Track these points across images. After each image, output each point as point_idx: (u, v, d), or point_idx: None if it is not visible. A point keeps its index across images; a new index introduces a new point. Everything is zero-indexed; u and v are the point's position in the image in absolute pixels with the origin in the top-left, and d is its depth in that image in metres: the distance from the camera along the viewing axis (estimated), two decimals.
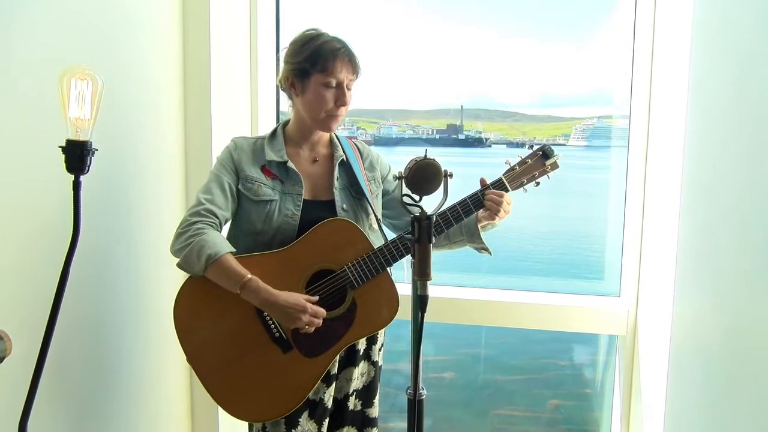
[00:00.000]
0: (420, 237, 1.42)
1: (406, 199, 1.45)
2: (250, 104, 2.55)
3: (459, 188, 1.68)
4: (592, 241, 2.89)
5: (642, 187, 2.31)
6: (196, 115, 2.32)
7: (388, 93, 2.98)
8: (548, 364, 2.96)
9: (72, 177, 1.43)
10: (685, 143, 1.93)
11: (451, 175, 1.45)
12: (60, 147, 1.41)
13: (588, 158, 3.02)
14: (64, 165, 1.42)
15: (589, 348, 2.87)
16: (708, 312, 1.74)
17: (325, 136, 1.93)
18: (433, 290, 1.43)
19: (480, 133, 3.16)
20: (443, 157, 3.22)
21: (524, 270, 2.84)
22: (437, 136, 3.17)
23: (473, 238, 1.86)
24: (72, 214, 1.44)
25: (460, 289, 2.60)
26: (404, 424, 2.94)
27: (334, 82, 1.78)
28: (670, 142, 2.08)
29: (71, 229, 1.44)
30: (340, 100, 1.79)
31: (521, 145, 3.09)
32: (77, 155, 1.42)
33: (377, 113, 3.16)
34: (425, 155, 1.44)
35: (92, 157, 1.44)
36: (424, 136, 3.19)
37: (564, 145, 3.03)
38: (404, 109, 3.22)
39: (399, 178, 1.44)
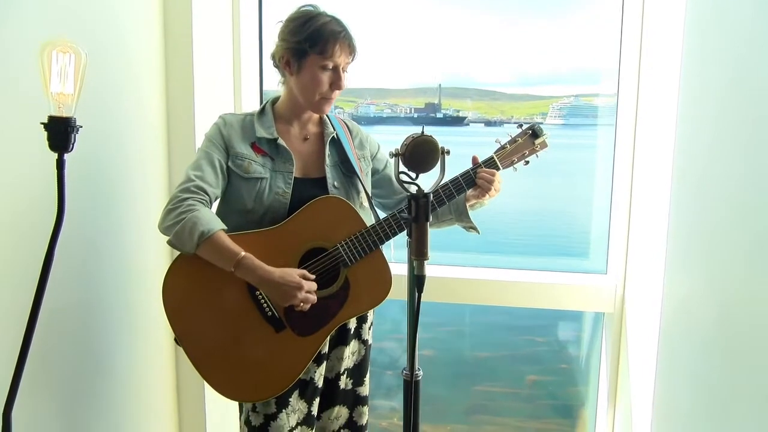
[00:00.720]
0: (417, 215, 1.39)
1: (402, 177, 1.41)
2: (233, 82, 2.47)
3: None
4: (576, 220, 2.88)
5: (630, 164, 2.30)
6: (178, 91, 2.24)
7: (365, 72, 2.93)
8: (530, 341, 2.96)
9: (56, 155, 1.36)
10: (677, 117, 1.91)
11: (448, 152, 1.42)
12: (42, 124, 1.34)
13: (566, 137, 3.00)
14: (47, 143, 1.35)
15: (573, 324, 2.88)
16: (700, 289, 1.74)
17: (315, 114, 1.88)
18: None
19: (458, 111, 3.13)
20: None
21: (508, 248, 2.82)
22: (415, 115, 3.13)
23: (461, 216, 1.84)
24: (56, 194, 1.37)
25: (444, 267, 2.58)
26: (390, 403, 2.94)
27: (330, 65, 1.73)
28: (661, 117, 2.06)
29: (55, 211, 1.37)
30: (336, 84, 1.75)
31: (499, 123, 3.09)
32: (61, 132, 1.34)
33: (355, 92, 3.11)
34: (422, 132, 1.40)
35: (76, 135, 1.37)
36: (402, 115, 3.15)
37: (542, 123, 3.01)
38: (382, 88, 3.18)
39: (395, 155, 1.41)
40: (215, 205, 1.80)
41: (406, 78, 3.07)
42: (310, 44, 1.70)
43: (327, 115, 1.90)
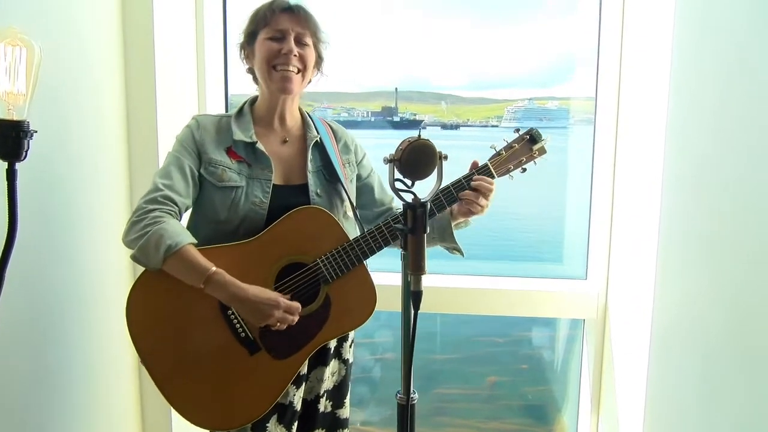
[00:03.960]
0: (414, 227, 1.23)
1: (398, 185, 1.25)
2: (197, 83, 2.24)
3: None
4: (547, 224, 2.79)
5: (612, 165, 2.19)
6: (139, 94, 2.01)
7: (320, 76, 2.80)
8: (490, 342, 2.85)
9: (5, 164, 1.13)
10: (667, 115, 1.79)
11: (446, 158, 1.26)
12: None
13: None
14: None
15: (548, 329, 2.78)
16: (697, 293, 1.62)
17: (295, 113, 1.70)
18: (389, 278, 1.26)
19: (414, 115, 3.02)
20: (378, 140, 3.04)
21: (478, 254, 2.70)
22: (372, 119, 3.00)
23: (444, 236, 1.65)
24: (7, 207, 1.14)
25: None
26: (361, 416, 2.75)
27: (278, 34, 1.57)
28: (647, 115, 1.94)
29: (7, 225, 1.14)
30: (285, 47, 1.56)
31: (455, 127, 3.00)
32: (11, 138, 1.12)
33: (311, 96, 2.94)
34: (419, 135, 1.25)
35: (30, 140, 1.14)
36: (359, 119, 3.01)
37: (497, 126, 2.94)
38: (338, 92, 3.04)
39: (390, 161, 1.24)
40: (186, 215, 1.60)
41: (363, 82, 2.95)
42: (256, 23, 1.60)
43: (311, 117, 1.72)
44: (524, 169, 1.65)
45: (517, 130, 1.64)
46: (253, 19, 1.61)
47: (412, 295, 1.24)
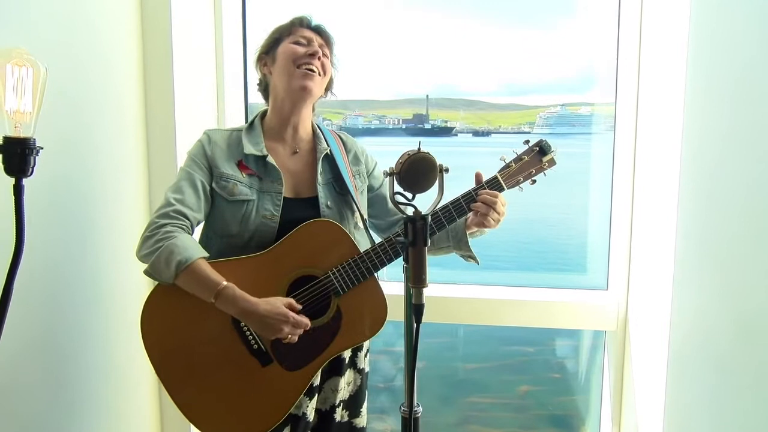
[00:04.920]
0: (415, 240, 1.21)
1: (398, 198, 1.23)
2: (216, 95, 2.26)
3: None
4: (572, 233, 2.71)
5: (631, 173, 2.11)
6: (157, 107, 2.03)
7: (352, 83, 2.79)
8: (520, 352, 2.79)
9: (12, 180, 1.16)
10: (683, 123, 1.73)
11: (447, 170, 1.23)
12: None
13: (554, 146, 2.86)
14: (1, 166, 1.15)
15: (577, 338, 2.70)
16: (713, 304, 1.56)
17: (307, 125, 1.69)
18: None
19: (446, 122, 2.98)
20: (409, 147, 3.01)
21: (501, 264, 2.64)
22: (403, 126, 2.98)
23: (460, 244, 1.64)
24: (14, 222, 1.16)
25: (438, 286, 2.36)
26: (382, 425, 2.73)
27: (303, 40, 1.60)
28: (665, 123, 1.88)
29: (14, 240, 1.16)
30: (310, 49, 1.59)
31: (486, 133, 2.95)
32: (17, 154, 1.14)
33: (342, 104, 2.95)
34: (419, 148, 1.22)
35: (36, 157, 1.17)
36: (390, 126, 2.99)
37: (529, 132, 2.88)
38: (370, 99, 3.03)
39: (390, 174, 1.22)
40: (198, 229, 1.60)
41: (394, 89, 2.93)
42: (279, 34, 1.64)
43: (320, 128, 1.71)
44: (534, 181, 1.61)
45: (527, 142, 1.60)
46: (277, 30, 1.65)
47: (414, 308, 1.21)
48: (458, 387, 2.79)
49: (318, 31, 1.65)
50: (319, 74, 1.60)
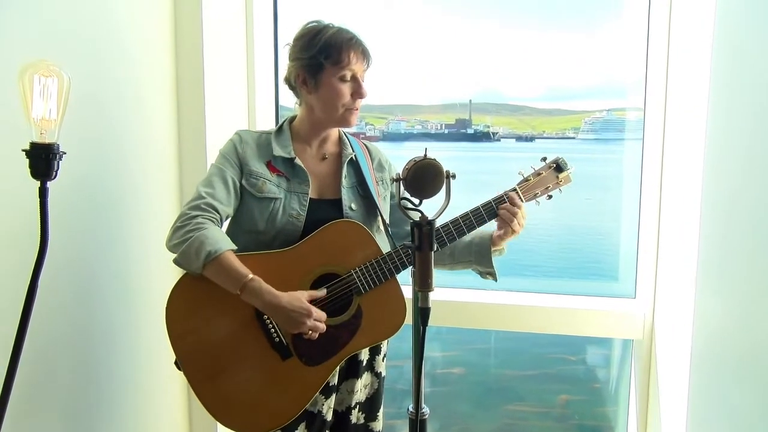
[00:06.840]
0: (420, 244, 1.20)
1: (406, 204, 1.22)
2: (248, 100, 2.30)
3: (468, 185, 1.45)
4: (605, 239, 2.63)
5: (658, 181, 2.05)
6: (189, 112, 2.08)
7: (395, 88, 2.78)
8: (558, 360, 2.72)
9: (38, 183, 1.22)
10: (706, 134, 1.68)
11: (453, 176, 1.23)
12: (24, 150, 1.20)
13: (599, 152, 2.78)
14: (28, 170, 1.21)
15: (601, 347, 2.62)
16: (733, 315, 1.50)
17: (334, 133, 1.71)
18: (439, 293, 1.22)
19: (488, 127, 2.94)
20: (452, 152, 2.95)
21: (531, 270, 2.59)
22: (446, 131, 2.95)
23: (483, 260, 1.65)
24: (39, 222, 1.22)
25: (462, 291, 2.34)
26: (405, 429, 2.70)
27: (348, 75, 1.58)
28: (690, 133, 1.82)
29: (38, 240, 1.22)
30: (357, 93, 1.59)
31: (530, 139, 2.90)
32: (42, 159, 1.20)
33: (385, 108, 2.95)
34: (425, 155, 1.22)
35: (60, 161, 1.22)
36: (433, 131, 2.97)
37: (574, 138, 2.81)
38: (412, 104, 3.01)
39: (397, 180, 1.23)
40: (226, 223, 1.64)
41: (437, 94, 2.91)
42: (324, 56, 1.56)
43: (346, 136, 1.73)
44: (550, 196, 1.65)
45: (544, 159, 1.65)
46: (320, 50, 1.56)
47: (420, 312, 1.21)
48: (496, 394, 2.75)
49: (363, 54, 1.60)
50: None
